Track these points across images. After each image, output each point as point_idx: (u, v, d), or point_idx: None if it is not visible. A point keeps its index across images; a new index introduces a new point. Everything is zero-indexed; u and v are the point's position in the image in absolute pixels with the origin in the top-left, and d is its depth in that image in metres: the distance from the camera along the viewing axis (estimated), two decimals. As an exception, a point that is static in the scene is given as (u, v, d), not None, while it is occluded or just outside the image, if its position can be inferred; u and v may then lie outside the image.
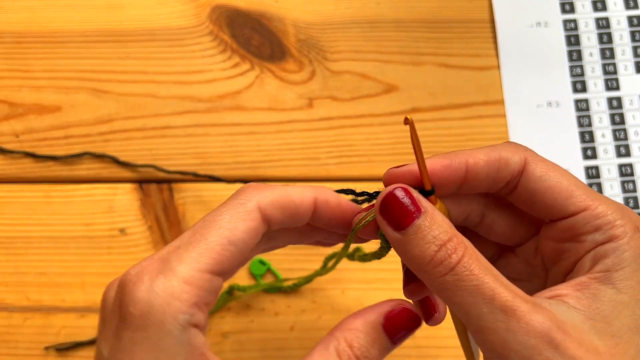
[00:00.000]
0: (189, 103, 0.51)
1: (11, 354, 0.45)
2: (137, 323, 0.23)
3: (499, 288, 0.23)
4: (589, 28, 0.52)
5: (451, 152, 0.28)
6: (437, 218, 0.25)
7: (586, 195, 0.27)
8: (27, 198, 0.49)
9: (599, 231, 0.26)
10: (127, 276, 0.25)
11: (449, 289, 0.24)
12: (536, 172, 0.27)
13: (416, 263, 0.25)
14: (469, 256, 0.24)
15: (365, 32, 0.52)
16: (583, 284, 0.25)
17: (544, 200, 0.27)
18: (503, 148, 0.28)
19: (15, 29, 0.53)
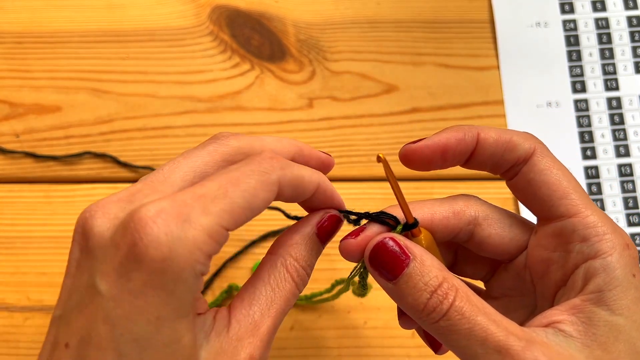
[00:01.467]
0: (189, 103, 0.51)
1: (12, 354, 0.45)
2: (155, 266, 0.22)
3: (491, 328, 0.24)
4: (589, 28, 0.52)
5: (466, 125, 0.29)
6: (427, 262, 0.25)
7: (580, 201, 0.27)
8: (27, 198, 0.49)
9: (587, 242, 0.26)
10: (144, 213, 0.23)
11: (443, 333, 0.25)
12: (540, 164, 0.27)
13: (411, 311, 0.26)
14: (460, 299, 0.24)
15: (366, 32, 0.52)
16: (577, 308, 0.25)
17: (539, 194, 0.27)
18: (517, 133, 0.28)
19: (16, 29, 0.53)
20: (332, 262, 0.47)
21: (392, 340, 0.45)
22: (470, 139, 0.28)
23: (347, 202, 0.49)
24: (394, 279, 0.26)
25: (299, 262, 0.28)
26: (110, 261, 0.23)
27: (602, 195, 0.48)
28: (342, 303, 0.46)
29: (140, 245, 0.22)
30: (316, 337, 0.45)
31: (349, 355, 0.45)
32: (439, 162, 0.29)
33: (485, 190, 0.42)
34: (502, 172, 0.29)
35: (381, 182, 0.49)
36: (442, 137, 0.28)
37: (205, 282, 0.46)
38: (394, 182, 0.28)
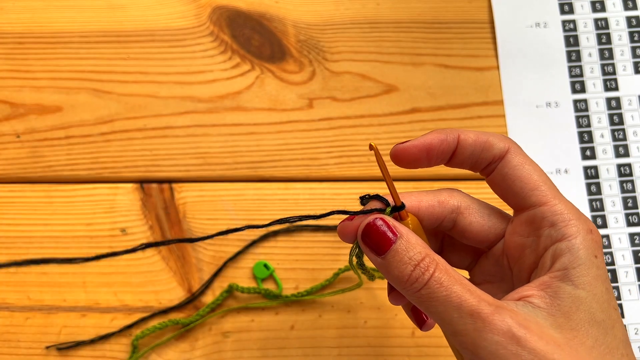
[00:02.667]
0: (189, 103, 0.51)
1: (12, 354, 0.45)
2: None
3: (465, 295, 0.27)
4: (588, 29, 0.52)
5: (448, 128, 0.32)
6: (412, 240, 0.29)
7: (549, 192, 0.30)
8: (28, 198, 0.49)
9: (555, 227, 0.29)
10: None
11: (424, 301, 0.28)
12: (513, 161, 0.31)
13: (397, 282, 0.29)
14: (439, 271, 0.28)
15: (365, 32, 0.53)
16: (545, 284, 0.28)
17: (513, 187, 0.31)
18: (493, 135, 0.32)
19: (17, 29, 0.53)
20: (334, 262, 0.47)
21: (392, 340, 0.45)
22: (451, 140, 0.32)
23: (346, 202, 0.49)
24: (382, 254, 0.29)
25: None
26: None
27: (602, 195, 0.48)
28: (342, 303, 0.46)
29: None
30: (316, 337, 0.45)
31: (349, 355, 0.45)
32: (425, 160, 0.32)
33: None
34: (480, 169, 0.32)
35: (381, 182, 0.49)
36: (427, 137, 0.32)
37: (206, 282, 0.46)
38: (384, 169, 0.31)
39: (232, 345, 0.45)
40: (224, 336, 0.45)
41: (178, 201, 0.48)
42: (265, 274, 0.46)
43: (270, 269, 0.46)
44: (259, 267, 0.46)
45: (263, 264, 0.47)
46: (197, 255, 0.47)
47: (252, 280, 0.47)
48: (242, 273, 0.47)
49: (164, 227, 0.48)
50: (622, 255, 0.47)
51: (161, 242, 0.29)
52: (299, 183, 0.49)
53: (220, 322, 0.46)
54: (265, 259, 0.47)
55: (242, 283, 0.46)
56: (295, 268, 0.47)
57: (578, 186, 0.48)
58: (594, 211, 0.48)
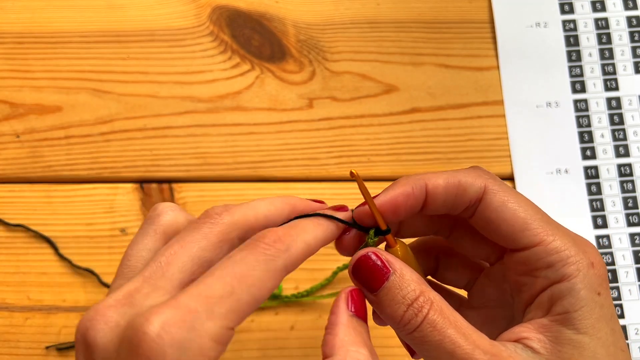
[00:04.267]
0: (189, 103, 0.51)
1: (12, 354, 0.45)
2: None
3: (459, 341, 0.25)
4: (588, 28, 0.52)
5: (413, 177, 0.29)
6: (406, 276, 0.27)
7: (542, 229, 0.27)
8: (28, 198, 0.49)
9: (552, 268, 0.26)
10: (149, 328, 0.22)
11: (416, 343, 0.26)
12: (493, 202, 0.28)
13: (389, 321, 0.27)
14: (433, 311, 0.26)
15: (365, 32, 0.53)
16: (545, 327, 0.26)
17: (499, 231, 0.28)
18: (465, 174, 0.29)
19: (16, 29, 0.53)
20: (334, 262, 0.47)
21: (392, 340, 0.45)
22: (418, 192, 0.29)
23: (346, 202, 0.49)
24: (374, 291, 0.27)
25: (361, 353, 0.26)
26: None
27: (602, 195, 0.48)
28: (342, 303, 0.46)
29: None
30: (316, 337, 0.45)
31: (349, 355, 0.45)
32: (392, 218, 0.29)
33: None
34: (458, 213, 0.29)
35: (381, 182, 0.48)
36: (389, 195, 0.29)
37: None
38: (366, 194, 0.29)
39: (231, 346, 0.45)
40: (224, 336, 0.45)
41: (178, 201, 0.48)
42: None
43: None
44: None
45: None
46: (197, 255, 0.47)
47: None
48: (242, 273, 0.47)
49: (163, 227, 0.48)
50: (623, 256, 0.47)
51: None
52: (299, 183, 0.49)
53: (220, 322, 0.46)
54: (265, 259, 0.47)
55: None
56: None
57: (578, 186, 0.48)
58: (594, 211, 0.48)
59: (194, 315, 0.23)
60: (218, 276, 0.24)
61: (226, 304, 0.24)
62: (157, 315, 0.23)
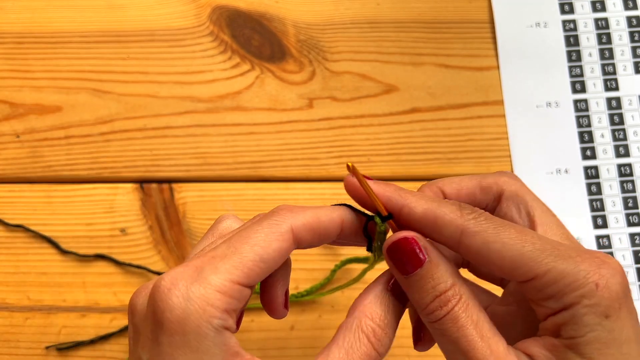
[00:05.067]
0: (189, 103, 0.51)
1: (12, 354, 0.45)
2: (175, 328, 0.25)
3: (476, 343, 0.25)
4: (588, 28, 0.52)
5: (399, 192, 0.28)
6: (441, 267, 0.26)
7: (533, 263, 0.25)
8: (27, 198, 0.49)
9: (552, 299, 0.25)
10: (161, 283, 0.26)
11: (436, 334, 0.26)
12: (473, 246, 0.26)
13: (415, 305, 0.27)
14: (459, 307, 0.26)
15: (365, 32, 0.53)
16: (555, 347, 0.25)
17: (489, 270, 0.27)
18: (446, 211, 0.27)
19: (16, 29, 0.53)
20: (334, 262, 0.47)
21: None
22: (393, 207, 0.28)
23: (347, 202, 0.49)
24: (407, 274, 0.27)
25: (375, 321, 0.27)
26: (145, 332, 0.26)
27: (602, 195, 0.48)
28: (342, 303, 0.46)
29: (158, 312, 0.25)
30: (316, 337, 0.45)
31: (349, 355, 0.45)
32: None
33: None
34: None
35: (381, 182, 0.49)
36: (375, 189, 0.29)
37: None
38: (365, 185, 0.29)
39: (232, 346, 0.45)
40: (224, 336, 0.45)
41: (178, 201, 0.48)
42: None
43: (270, 269, 0.46)
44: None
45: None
46: (197, 255, 0.47)
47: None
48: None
49: (163, 227, 0.48)
50: (623, 256, 0.47)
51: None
52: (299, 183, 0.49)
53: (220, 323, 0.46)
54: (265, 259, 0.47)
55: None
56: (294, 268, 0.47)
57: (578, 186, 0.48)
58: (594, 211, 0.48)
59: (199, 271, 0.26)
60: (225, 241, 0.27)
61: (229, 261, 0.26)
62: (169, 273, 0.26)
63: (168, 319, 0.25)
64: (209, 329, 0.25)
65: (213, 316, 0.25)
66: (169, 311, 0.25)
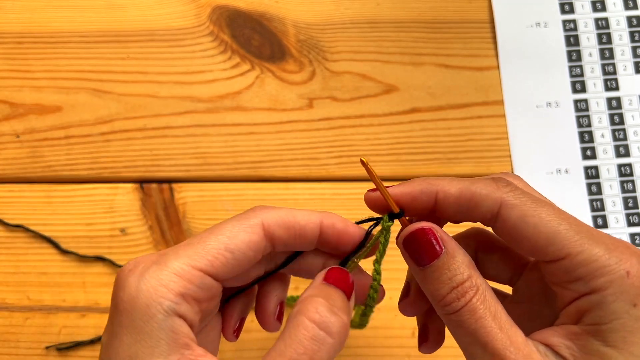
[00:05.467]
0: (189, 103, 0.51)
1: (12, 354, 0.45)
2: (125, 307, 0.25)
3: (495, 334, 0.25)
4: (589, 28, 0.52)
5: (427, 180, 0.28)
6: (458, 258, 0.26)
7: (567, 242, 0.25)
8: (28, 198, 0.49)
9: (581, 281, 0.25)
10: (124, 267, 0.26)
11: (453, 327, 0.26)
12: (511, 218, 0.26)
13: (430, 297, 0.27)
14: (477, 299, 0.25)
15: (365, 32, 0.53)
16: (576, 334, 0.25)
17: (521, 246, 0.27)
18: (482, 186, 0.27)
19: (16, 29, 0.53)
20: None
21: (392, 340, 0.45)
22: (426, 198, 0.28)
23: (347, 202, 0.49)
24: (423, 265, 0.26)
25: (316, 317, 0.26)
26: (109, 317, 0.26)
27: (602, 195, 0.48)
28: (342, 303, 0.46)
29: (115, 292, 0.26)
30: (316, 337, 0.45)
31: (349, 355, 0.45)
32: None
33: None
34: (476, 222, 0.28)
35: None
36: (397, 190, 0.28)
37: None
38: (376, 181, 0.29)
39: (231, 346, 0.45)
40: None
41: (178, 201, 0.48)
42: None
43: (270, 269, 0.46)
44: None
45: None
46: (197, 255, 0.47)
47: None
48: (242, 273, 0.47)
49: (163, 227, 0.48)
50: (623, 256, 0.47)
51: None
52: (299, 183, 0.49)
53: (219, 323, 0.46)
54: (265, 259, 0.47)
55: (242, 283, 0.46)
56: (295, 268, 0.47)
57: (578, 186, 0.48)
58: (595, 211, 0.48)
59: (162, 256, 0.26)
60: (197, 235, 0.28)
61: (192, 248, 0.26)
62: (135, 258, 0.27)
63: (120, 297, 0.25)
64: (157, 310, 0.24)
65: (164, 297, 0.25)
66: (122, 290, 0.25)
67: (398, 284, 0.33)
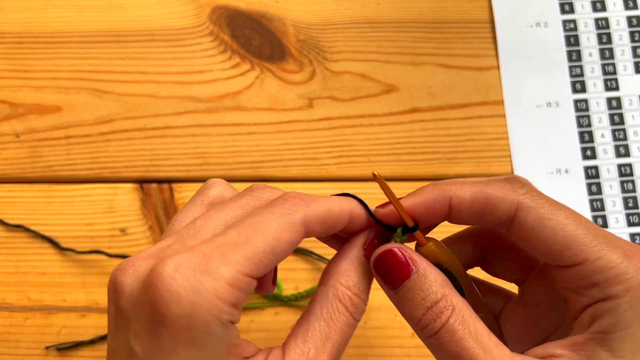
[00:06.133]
0: (189, 103, 0.51)
1: (12, 354, 0.45)
2: (181, 323, 0.22)
3: (478, 355, 0.24)
4: (589, 28, 0.52)
5: (439, 186, 0.27)
6: (429, 277, 0.25)
7: (585, 246, 0.24)
8: (27, 198, 0.49)
9: (596, 287, 0.24)
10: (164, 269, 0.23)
11: (434, 350, 0.25)
12: (528, 221, 0.25)
13: (408, 320, 0.26)
14: (454, 319, 0.24)
15: (365, 32, 0.53)
16: (579, 344, 0.24)
17: (537, 250, 0.26)
18: (497, 188, 0.26)
19: (16, 29, 0.53)
20: (332, 262, 0.47)
21: (392, 340, 0.45)
22: (440, 205, 0.27)
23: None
24: (395, 288, 0.26)
25: (352, 289, 0.26)
26: (139, 320, 0.23)
27: (602, 195, 0.48)
28: (342, 303, 0.46)
29: (161, 302, 0.22)
30: (316, 337, 0.45)
31: (348, 355, 0.45)
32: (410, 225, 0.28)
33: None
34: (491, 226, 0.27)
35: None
36: (409, 202, 0.27)
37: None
38: (390, 195, 0.27)
39: (231, 346, 0.45)
40: (224, 336, 0.45)
41: (178, 201, 0.48)
42: (265, 274, 0.46)
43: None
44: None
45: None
46: (197, 255, 0.47)
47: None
48: (242, 273, 0.47)
49: (163, 227, 0.48)
50: (623, 256, 0.47)
51: None
52: (299, 183, 0.49)
53: (220, 323, 0.46)
54: (265, 259, 0.47)
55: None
56: (295, 268, 0.47)
57: (578, 186, 0.48)
58: (595, 211, 0.48)
59: (208, 260, 0.23)
60: (233, 226, 0.25)
61: (241, 251, 0.24)
62: (172, 258, 0.23)
63: (173, 312, 0.22)
64: (217, 325, 0.23)
65: (223, 311, 0.23)
66: (175, 304, 0.22)
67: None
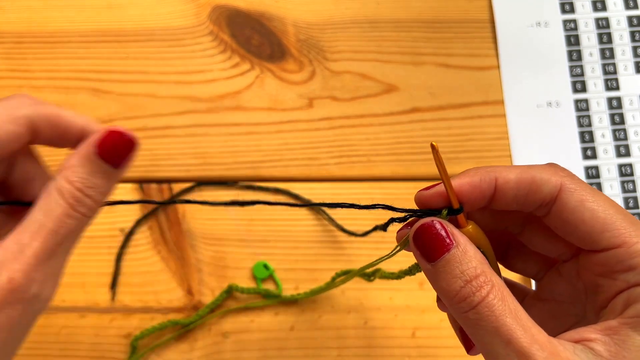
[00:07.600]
0: (189, 103, 0.51)
1: (11, 354, 0.45)
2: None
3: (518, 332, 0.23)
4: (589, 28, 0.52)
5: (482, 168, 0.28)
6: (469, 252, 0.25)
7: (624, 230, 0.25)
8: (27, 198, 0.49)
9: (633, 271, 0.25)
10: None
11: (470, 325, 0.25)
12: (570, 202, 0.26)
13: (444, 295, 0.26)
14: (494, 295, 0.24)
15: (365, 32, 0.52)
16: (613, 329, 0.24)
17: (576, 232, 0.26)
18: (540, 169, 0.27)
19: (15, 29, 0.53)
20: (334, 262, 0.47)
21: (392, 340, 0.45)
22: (486, 185, 0.27)
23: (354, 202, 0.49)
24: (433, 260, 0.25)
25: (74, 184, 0.27)
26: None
27: (603, 195, 0.48)
28: (342, 303, 0.46)
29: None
30: (316, 338, 0.45)
31: (349, 356, 0.45)
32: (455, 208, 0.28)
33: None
34: (531, 210, 0.28)
35: (382, 182, 0.49)
36: (456, 183, 0.27)
37: (204, 281, 0.46)
38: (442, 168, 0.27)
39: (231, 346, 0.45)
40: (224, 337, 0.45)
41: (177, 201, 0.48)
42: (265, 274, 0.46)
43: (270, 270, 0.46)
44: (258, 268, 0.46)
45: (263, 264, 0.46)
46: (197, 255, 0.47)
47: (252, 281, 0.47)
48: (242, 273, 0.47)
49: (163, 227, 0.48)
50: (623, 256, 0.47)
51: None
52: (299, 183, 0.49)
53: (219, 323, 0.46)
54: (265, 259, 0.47)
55: (241, 283, 0.46)
56: (295, 268, 0.47)
57: (579, 186, 0.48)
58: (595, 211, 0.48)
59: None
60: None
61: None
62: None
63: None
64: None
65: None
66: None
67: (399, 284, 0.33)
